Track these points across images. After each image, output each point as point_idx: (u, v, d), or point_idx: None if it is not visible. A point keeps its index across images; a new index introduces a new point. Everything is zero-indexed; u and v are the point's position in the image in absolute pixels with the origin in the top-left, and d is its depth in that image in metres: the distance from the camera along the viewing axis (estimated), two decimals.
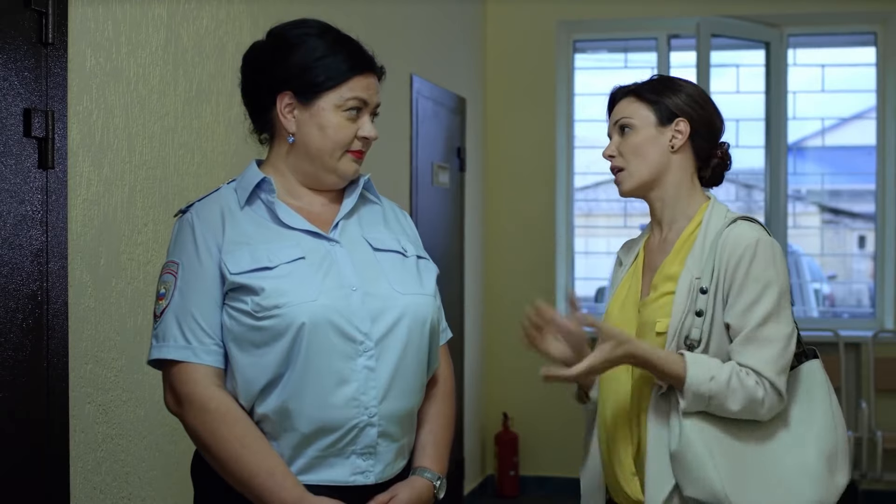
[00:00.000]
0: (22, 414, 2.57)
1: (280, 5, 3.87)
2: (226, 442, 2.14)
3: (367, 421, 2.17)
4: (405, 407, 2.25)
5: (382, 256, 2.30)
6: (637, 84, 2.61)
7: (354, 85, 2.25)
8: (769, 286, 2.37)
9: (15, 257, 2.53)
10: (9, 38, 2.51)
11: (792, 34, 6.76)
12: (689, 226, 2.51)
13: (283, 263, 2.18)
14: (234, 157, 3.54)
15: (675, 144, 2.52)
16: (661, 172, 2.53)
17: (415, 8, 5.62)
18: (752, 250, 2.38)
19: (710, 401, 2.33)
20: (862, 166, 7.65)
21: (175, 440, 3.19)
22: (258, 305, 2.14)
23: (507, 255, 6.92)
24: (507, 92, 6.95)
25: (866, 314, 7.13)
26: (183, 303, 2.18)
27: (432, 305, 2.30)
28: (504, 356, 6.88)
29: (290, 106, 2.25)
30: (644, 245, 2.63)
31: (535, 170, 6.91)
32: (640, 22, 6.88)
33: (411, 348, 2.24)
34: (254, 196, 2.27)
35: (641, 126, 2.53)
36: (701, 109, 2.55)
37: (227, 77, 3.52)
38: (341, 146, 2.26)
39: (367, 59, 2.29)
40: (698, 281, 2.40)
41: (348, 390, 2.16)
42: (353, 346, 2.16)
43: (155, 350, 2.21)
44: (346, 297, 2.18)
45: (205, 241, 2.21)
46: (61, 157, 2.68)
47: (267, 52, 2.30)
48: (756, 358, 2.35)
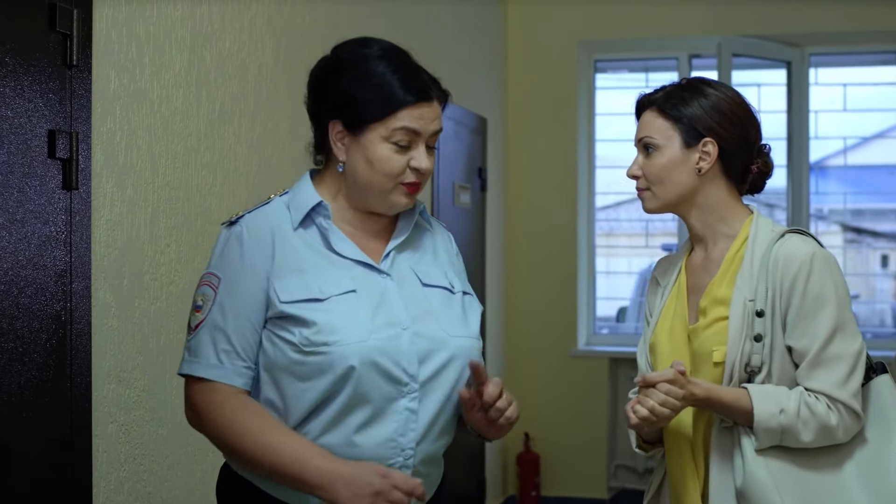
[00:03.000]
0: (45, 433, 2.58)
1: (303, 28, 3.90)
2: (249, 431, 2.06)
3: (403, 462, 2.11)
4: (441, 447, 2.20)
5: (430, 292, 2.22)
6: (662, 93, 2.43)
7: (404, 115, 2.13)
8: (829, 302, 2.24)
9: (39, 277, 2.54)
10: (34, 60, 2.53)
11: (813, 53, 6.74)
12: (735, 243, 2.37)
13: (334, 296, 2.10)
14: (256, 177, 3.56)
15: (703, 168, 2.36)
16: (690, 195, 2.39)
17: (436, 28, 5.64)
18: (807, 266, 2.25)
19: (783, 435, 2.21)
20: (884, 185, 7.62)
21: (197, 460, 3.20)
22: (307, 340, 2.07)
23: (528, 275, 6.92)
24: (529, 112, 6.95)
25: (889, 334, 7.09)
26: (220, 320, 2.12)
27: (476, 348, 2.23)
28: (525, 376, 6.86)
29: (341, 134, 2.16)
30: (684, 264, 2.49)
31: (557, 189, 6.91)
32: (661, 42, 6.88)
33: (455, 392, 2.17)
34: (308, 218, 2.19)
35: (666, 146, 2.38)
36: (731, 125, 2.36)
37: (250, 98, 3.54)
38: (391, 179, 2.15)
39: (421, 86, 2.16)
40: (752, 303, 2.26)
41: (387, 431, 2.10)
42: (397, 387, 2.10)
43: (186, 364, 2.15)
44: (395, 336, 2.11)
45: (252, 260, 2.13)
46: (85, 178, 2.70)
47: (324, 72, 2.20)
48: (825, 381, 2.22)
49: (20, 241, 2.48)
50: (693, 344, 2.37)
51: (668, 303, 2.47)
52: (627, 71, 7.37)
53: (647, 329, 2.53)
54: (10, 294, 2.45)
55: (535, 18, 6.92)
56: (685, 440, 2.38)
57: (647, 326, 2.53)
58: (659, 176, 2.39)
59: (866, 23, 6.58)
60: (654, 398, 2.20)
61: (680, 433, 2.39)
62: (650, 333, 2.49)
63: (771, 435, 2.22)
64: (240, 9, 3.51)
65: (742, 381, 2.28)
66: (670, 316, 2.44)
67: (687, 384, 2.20)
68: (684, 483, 2.38)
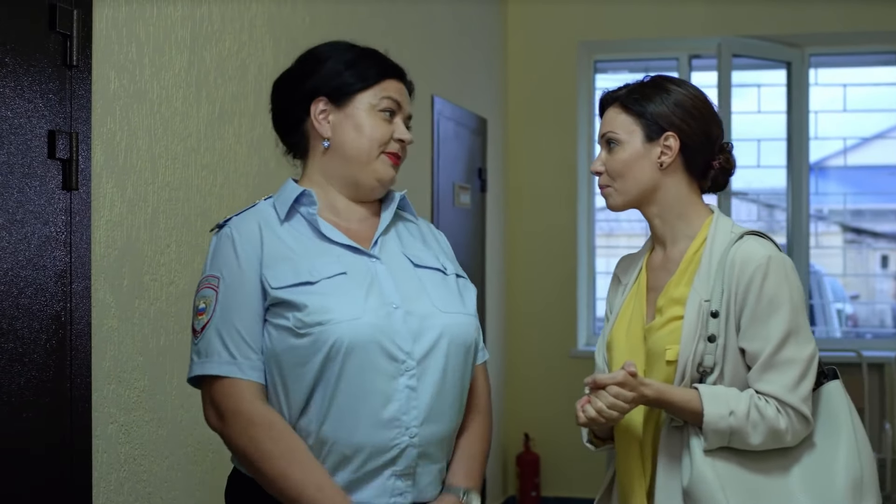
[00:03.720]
0: (45, 434, 2.58)
1: (301, 28, 3.90)
2: (273, 458, 2.10)
3: (409, 442, 2.14)
4: (445, 429, 2.21)
5: (423, 273, 2.27)
6: (626, 90, 2.43)
7: (387, 86, 2.27)
8: (783, 306, 2.23)
9: (39, 278, 2.54)
10: (34, 61, 2.53)
11: (813, 54, 6.75)
12: (694, 243, 2.37)
13: (324, 278, 2.15)
14: (256, 177, 3.56)
15: (665, 162, 2.36)
16: (652, 190, 2.39)
17: (436, 29, 5.65)
18: (763, 269, 2.24)
19: (731, 437, 2.21)
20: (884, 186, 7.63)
21: (197, 460, 3.20)
22: (300, 321, 2.10)
23: (528, 275, 6.92)
24: (529, 112, 6.96)
25: (889, 334, 7.09)
26: (225, 317, 2.15)
27: (473, 325, 2.28)
28: (525, 376, 6.87)
29: (325, 112, 2.26)
30: (645, 263, 2.50)
31: (557, 190, 6.91)
32: (661, 42, 6.89)
33: (451, 368, 2.20)
34: (293, 211, 2.25)
35: (627, 141, 2.38)
36: (692, 119, 2.37)
37: (250, 98, 3.54)
38: (378, 144, 2.25)
39: (397, 66, 2.32)
40: (708, 304, 2.26)
41: (391, 410, 2.12)
42: (395, 365, 2.13)
43: (197, 366, 2.17)
44: (388, 315, 2.15)
45: (245, 254, 2.18)
46: (85, 178, 2.70)
47: (297, 69, 2.34)
48: (776, 384, 2.22)
49: (20, 242, 2.48)
50: (648, 342, 2.37)
51: (627, 301, 2.48)
52: (627, 71, 7.37)
53: (606, 326, 2.54)
54: (10, 294, 2.45)
55: (535, 18, 6.92)
56: (634, 438, 2.38)
57: (607, 323, 2.54)
58: (621, 171, 2.39)
59: (866, 23, 6.58)
60: (603, 400, 2.22)
61: (629, 431, 2.39)
62: (608, 330, 2.50)
63: (720, 436, 2.21)
64: (240, 9, 3.51)
65: (694, 380, 2.28)
66: (629, 314, 2.45)
67: (638, 385, 2.21)
68: (630, 481, 2.39)
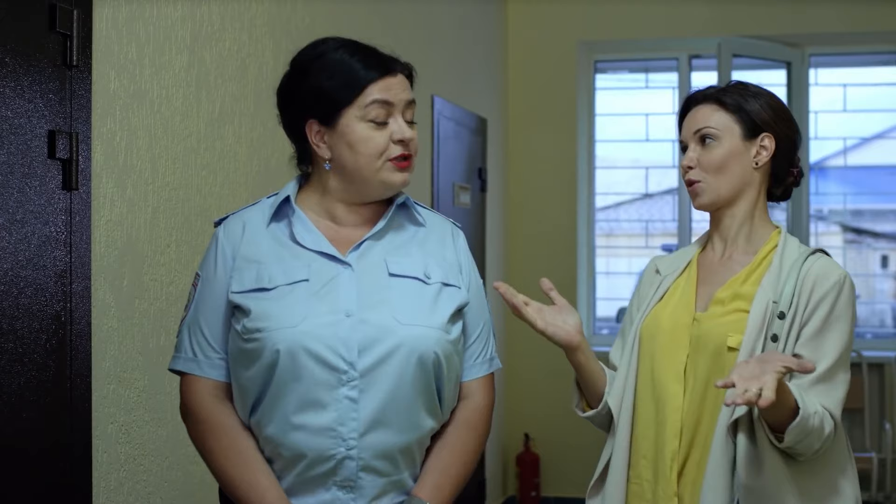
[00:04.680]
0: (45, 434, 2.58)
1: (302, 27, 3.90)
2: (212, 453, 2.17)
3: (346, 453, 2.09)
4: (396, 442, 2.13)
5: (396, 282, 2.18)
6: (715, 90, 2.45)
7: (371, 90, 2.15)
8: (847, 326, 2.28)
9: (39, 278, 2.54)
10: (34, 61, 2.53)
11: (813, 54, 6.75)
12: (764, 248, 2.40)
13: (282, 285, 2.13)
14: (256, 177, 3.56)
15: (760, 161, 2.40)
16: (741, 190, 2.41)
17: (436, 29, 5.65)
18: (839, 287, 2.29)
19: (806, 438, 2.18)
20: (884, 186, 7.62)
21: (197, 460, 3.19)
22: (244, 327, 2.12)
23: (528, 275, 6.91)
24: (528, 112, 6.96)
25: (889, 334, 7.09)
26: (196, 316, 2.21)
27: (436, 338, 2.15)
28: (525, 376, 6.87)
29: (319, 133, 2.19)
30: (696, 258, 2.50)
31: (557, 190, 6.91)
32: (661, 42, 6.89)
33: (406, 383, 2.11)
34: (281, 213, 2.24)
35: (726, 138, 2.40)
36: (783, 123, 2.42)
37: (250, 98, 3.54)
38: (375, 157, 2.16)
39: (381, 61, 2.19)
40: (775, 305, 2.28)
41: (325, 419, 2.09)
42: (334, 374, 2.08)
43: (172, 360, 2.25)
44: (334, 323, 2.10)
45: (223, 255, 2.21)
46: (85, 178, 2.70)
47: (289, 82, 2.24)
48: (830, 398, 2.23)
49: (20, 242, 2.48)
50: (698, 329, 2.37)
51: (673, 288, 2.47)
52: (627, 71, 7.38)
53: (635, 315, 2.51)
54: (10, 294, 2.45)
55: (535, 18, 6.92)
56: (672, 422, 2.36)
57: (636, 312, 2.52)
58: (718, 165, 2.40)
59: (866, 23, 6.59)
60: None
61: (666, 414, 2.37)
62: (642, 317, 2.48)
63: (801, 434, 2.16)
64: (240, 9, 3.51)
65: None
66: (673, 302, 2.45)
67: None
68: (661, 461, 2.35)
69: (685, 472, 2.35)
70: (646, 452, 2.40)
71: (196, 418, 2.19)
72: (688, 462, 2.34)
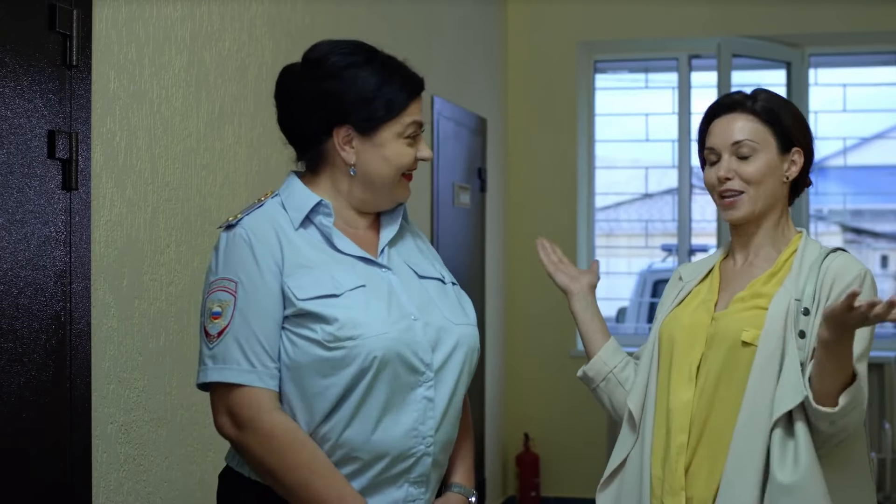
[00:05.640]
0: (45, 434, 2.58)
1: (302, 27, 3.90)
2: (295, 468, 2.08)
3: (424, 451, 2.16)
4: (453, 435, 2.25)
5: (427, 284, 2.28)
6: (750, 99, 2.44)
7: (412, 110, 2.23)
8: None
9: (38, 278, 2.54)
10: (34, 61, 2.53)
11: (813, 54, 6.75)
12: (785, 252, 2.42)
13: (347, 290, 2.13)
14: (256, 177, 3.56)
15: (790, 176, 2.42)
16: (773, 204, 2.42)
17: (436, 29, 5.65)
18: (860, 280, 2.29)
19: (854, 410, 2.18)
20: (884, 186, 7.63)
21: (197, 460, 3.20)
22: (331, 335, 2.08)
23: (528, 275, 6.92)
24: (528, 112, 6.96)
25: (889, 334, 7.09)
26: (245, 324, 2.11)
27: (476, 334, 2.30)
28: (525, 377, 6.87)
29: (348, 138, 2.20)
30: (719, 265, 2.52)
31: (556, 190, 6.91)
32: (660, 42, 6.89)
33: (463, 377, 2.24)
34: (306, 218, 2.21)
35: (764, 151, 2.39)
36: (807, 136, 2.44)
37: (250, 98, 3.54)
38: (400, 171, 2.23)
39: (418, 81, 2.26)
40: (798, 303, 2.29)
41: (408, 420, 2.14)
42: (415, 377, 2.15)
43: (214, 372, 2.13)
44: (409, 327, 2.15)
45: (265, 261, 2.13)
46: (85, 178, 2.70)
47: (312, 83, 2.22)
48: None
49: (20, 242, 2.48)
50: (714, 326, 2.38)
51: (694, 292, 2.49)
52: (627, 71, 7.38)
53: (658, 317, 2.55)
54: (10, 294, 2.45)
55: (535, 18, 6.92)
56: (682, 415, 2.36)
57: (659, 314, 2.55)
58: (759, 179, 2.39)
59: (866, 23, 6.59)
60: None
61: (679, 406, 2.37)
62: (662, 317, 2.50)
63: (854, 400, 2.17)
64: (240, 9, 3.51)
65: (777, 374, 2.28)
66: (695, 303, 2.46)
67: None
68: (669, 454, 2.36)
69: (693, 467, 2.35)
70: (655, 448, 2.40)
71: (269, 432, 2.09)
72: (696, 457, 2.35)
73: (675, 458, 2.35)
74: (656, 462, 2.39)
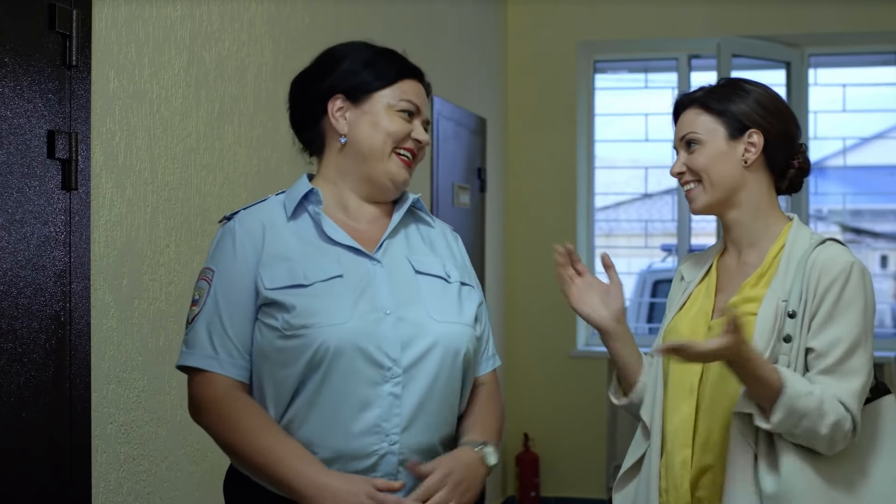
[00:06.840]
0: (45, 434, 2.58)
1: (301, 27, 3.90)
2: (250, 432, 2.10)
3: (388, 449, 2.12)
4: (430, 440, 2.18)
5: (423, 280, 2.25)
6: (702, 92, 2.44)
7: (405, 87, 2.27)
8: (858, 313, 2.24)
9: (38, 278, 2.54)
10: (33, 61, 2.53)
11: (813, 54, 6.75)
12: (773, 247, 2.37)
13: (318, 281, 2.14)
14: (256, 177, 3.56)
15: (749, 159, 2.36)
16: (735, 190, 2.38)
17: (436, 29, 5.64)
18: (846, 274, 2.24)
19: (801, 420, 2.15)
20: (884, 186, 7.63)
21: (196, 461, 3.20)
22: (287, 323, 2.11)
23: (528, 275, 6.92)
24: (528, 112, 6.96)
25: (889, 334, 7.09)
26: (215, 312, 2.17)
27: (468, 335, 2.23)
28: (525, 377, 6.87)
29: (342, 109, 2.26)
30: (716, 263, 2.49)
31: (556, 190, 6.91)
32: (660, 42, 6.89)
33: (441, 379, 2.17)
34: (301, 208, 2.25)
35: (709, 140, 2.38)
36: (773, 117, 2.38)
37: (249, 98, 3.54)
38: (393, 139, 2.24)
39: (415, 67, 2.31)
40: (785, 304, 2.26)
41: (370, 416, 2.11)
42: (379, 372, 2.11)
43: (183, 356, 2.19)
44: (377, 321, 2.13)
45: (244, 251, 2.18)
46: (84, 178, 2.70)
47: (315, 68, 2.32)
48: (843, 389, 2.20)
49: (20, 242, 2.48)
50: (712, 335, 2.33)
51: (693, 296, 2.48)
52: (627, 71, 7.38)
53: (665, 319, 2.55)
54: (10, 294, 2.45)
55: (535, 19, 6.93)
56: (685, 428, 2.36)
57: (666, 317, 2.55)
58: (704, 168, 2.38)
59: (866, 23, 6.58)
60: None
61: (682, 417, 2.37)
62: (666, 323, 2.51)
63: (791, 414, 2.15)
64: (239, 9, 3.51)
65: None
66: (694, 309, 2.45)
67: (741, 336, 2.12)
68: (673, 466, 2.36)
69: (701, 481, 2.34)
70: (662, 463, 2.40)
71: (218, 412, 2.13)
72: (703, 470, 2.33)
73: (679, 474, 2.35)
74: (663, 476, 2.39)
